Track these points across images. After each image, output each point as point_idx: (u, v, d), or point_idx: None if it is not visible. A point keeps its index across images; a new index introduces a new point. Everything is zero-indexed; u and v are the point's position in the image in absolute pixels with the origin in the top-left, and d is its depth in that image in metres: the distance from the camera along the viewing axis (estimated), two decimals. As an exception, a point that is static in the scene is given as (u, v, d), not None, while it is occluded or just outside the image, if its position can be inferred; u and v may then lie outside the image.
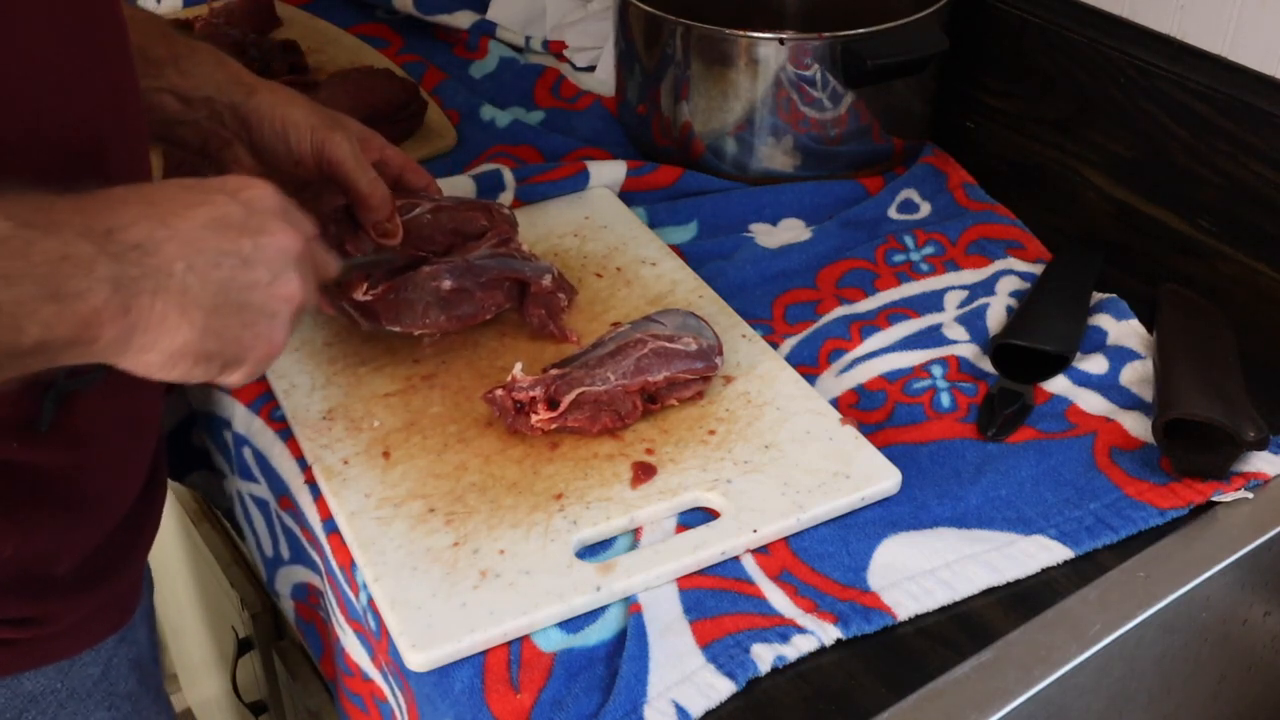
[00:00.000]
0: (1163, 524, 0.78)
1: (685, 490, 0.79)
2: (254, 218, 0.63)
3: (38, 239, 0.53)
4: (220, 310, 0.60)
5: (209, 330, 0.60)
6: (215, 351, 0.61)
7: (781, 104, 1.07)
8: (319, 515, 0.80)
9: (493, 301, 0.89)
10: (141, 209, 0.59)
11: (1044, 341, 0.90)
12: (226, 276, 0.61)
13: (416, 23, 1.41)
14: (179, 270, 0.58)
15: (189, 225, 0.60)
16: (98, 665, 0.78)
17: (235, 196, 0.63)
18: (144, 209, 0.59)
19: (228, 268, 0.61)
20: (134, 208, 0.58)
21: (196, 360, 0.61)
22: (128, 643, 0.81)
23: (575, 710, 0.68)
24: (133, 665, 0.82)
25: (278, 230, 0.64)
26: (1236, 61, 0.97)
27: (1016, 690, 0.69)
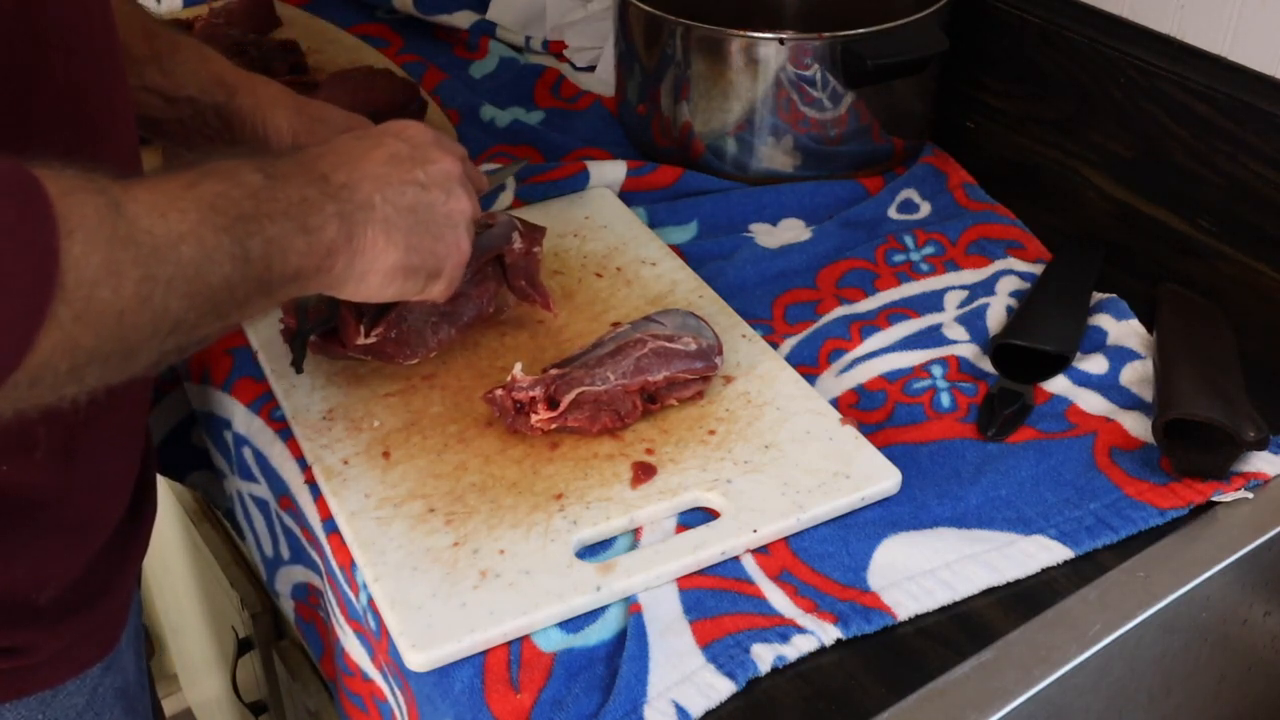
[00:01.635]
0: (1163, 524, 0.78)
1: (685, 490, 0.79)
2: (418, 150, 0.74)
3: (280, 187, 0.64)
4: (414, 229, 0.71)
5: (410, 247, 0.71)
6: (419, 265, 0.72)
7: (781, 104, 1.07)
8: (319, 515, 0.80)
9: (486, 292, 0.89)
10: (336, 158, 0.69)
11: (1044, 341, 0.90)
12: (412, 201, 0.72)
13: (416, 23, 1.41)
14: (378, 202, 0.69)
15: (374, 165, 0.71)
16: (82, 695, 0.77)
17: (399, 136, 0.74)
18: (337, 158, 0.70)
19: (411, 194, 0.72)
20: (329, 158, 0.69)
21: (406, 275, 0.72)
22: (114, 671, 0.79)
23: (575, 710, 0.68)
24: (118, 694, 0.80)
25: (439, 157, 0.75)
26: (1236, 61, 0.97)
27: (1016, 690, 0.69)
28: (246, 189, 0.61)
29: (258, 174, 0.63)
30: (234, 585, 1.17)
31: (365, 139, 0.73)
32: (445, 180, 0.75)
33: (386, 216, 0.70)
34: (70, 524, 0.71)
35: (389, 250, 0.70)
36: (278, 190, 0.63)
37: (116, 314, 0.53)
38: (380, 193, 0.70)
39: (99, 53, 0.67)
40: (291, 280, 0.64)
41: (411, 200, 0.72)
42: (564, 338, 0.91)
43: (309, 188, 0.66)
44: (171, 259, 0.56)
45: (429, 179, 0.73)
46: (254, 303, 0.62)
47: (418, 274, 0.73)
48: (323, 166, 0.68)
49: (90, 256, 0.52)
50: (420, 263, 0.72)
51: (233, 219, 0.60)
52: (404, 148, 0.73)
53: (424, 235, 0.72)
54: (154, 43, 0.85)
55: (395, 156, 0.72)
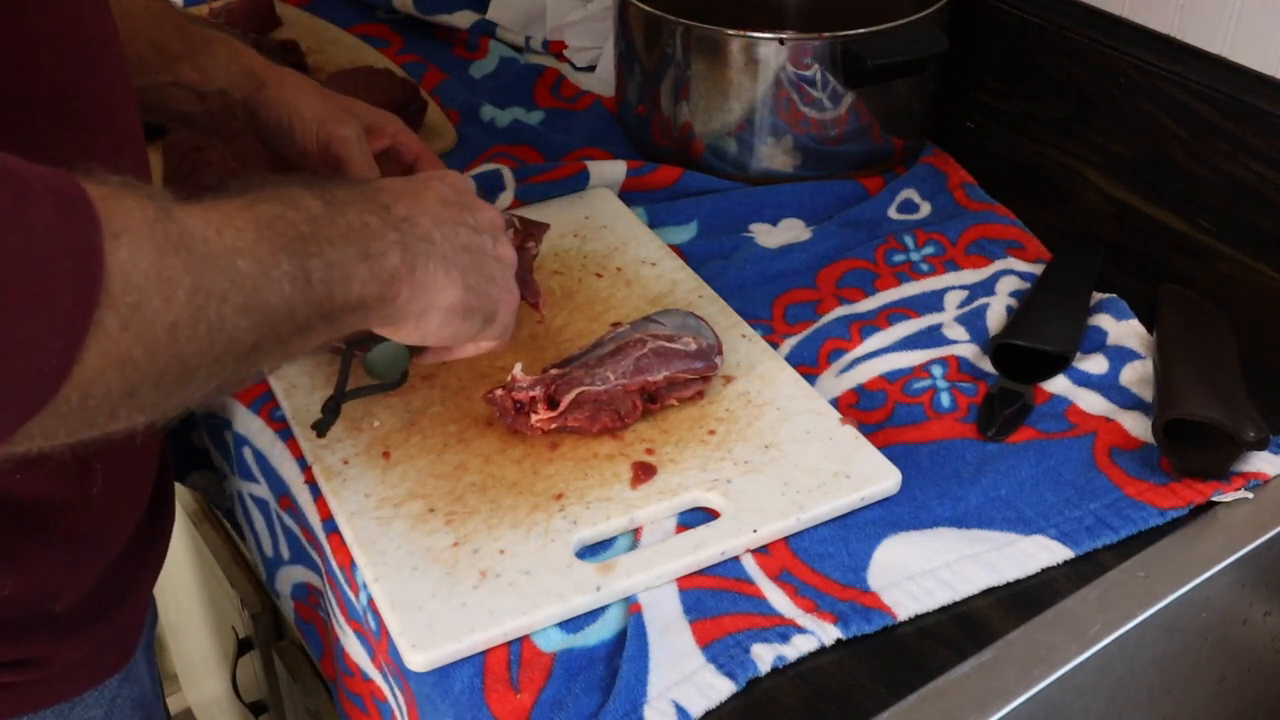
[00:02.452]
0: (1163, 524, 0.78)
1: (685, 490, 0.79)
2: (464, 196, 0.73)
3: (341, 212, 0.61)
4: (470, 270, 0.69)
5: (468, 287, 0.69)
6: (476, 306, 0.70)
7: (781, 104, 1.07)
8: (319, 515, 0.80)
9: None
10: (394, 192, 0.68)
11: (1044, 341, 0.90)
12: (467, 242, 0.70)
13: (416, 23, 1.41)
14: (437, 238, 0.67)
15: (427, 203, 0.69)
16: (100, 707, 0.76)
17: (444, 180, 0.73)
18: (395, 192, 0.68)
19: (465, 235, 0.70)
20: (388, 192, 0.68)
21: (465, 315, 0.69)
22: (131, 681, 0.79)
23: (575, 710, 0.68)
24: (136, 705, 0.80)
25: (483, 206, 0.74)
26: (1236, 61, 0.97)
27: (1016, 690, 0.69)
28: (305, 213, 0.59)
29: (316, 200, 0.61)
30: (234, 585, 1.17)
31: (413, 181, 0.72)
32: (492, 227, 0.73)
33: (445, 254, 0.68)
34: (87, 532, 0.70)
35: (449, 287, 0.68)
36: (337, 216, 0.61)
37: (169, 326, 0.50)
38: (439, 229, 0.68)
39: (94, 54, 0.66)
40: (355, 309, 0.62)
41: (466, 241, 0.70)
42: (564, 338, 0.91)
43: (370, 215, 0.64)
44: (227, 271, 0.53)
45: (478, 224, 0.72)
46: (316, 330, 0.60)
47: (475, 315, 0.70)
48: (383, 198, 0.66)
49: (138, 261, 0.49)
50: (478, 304, 0.70)
51: (291, 239, 0.58)
52: (451, 192, 0.72)
53: (479, 276, 0.70)
54: (188, 38, 0.85)
55: (445, 199, 0.71)
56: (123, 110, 0.69)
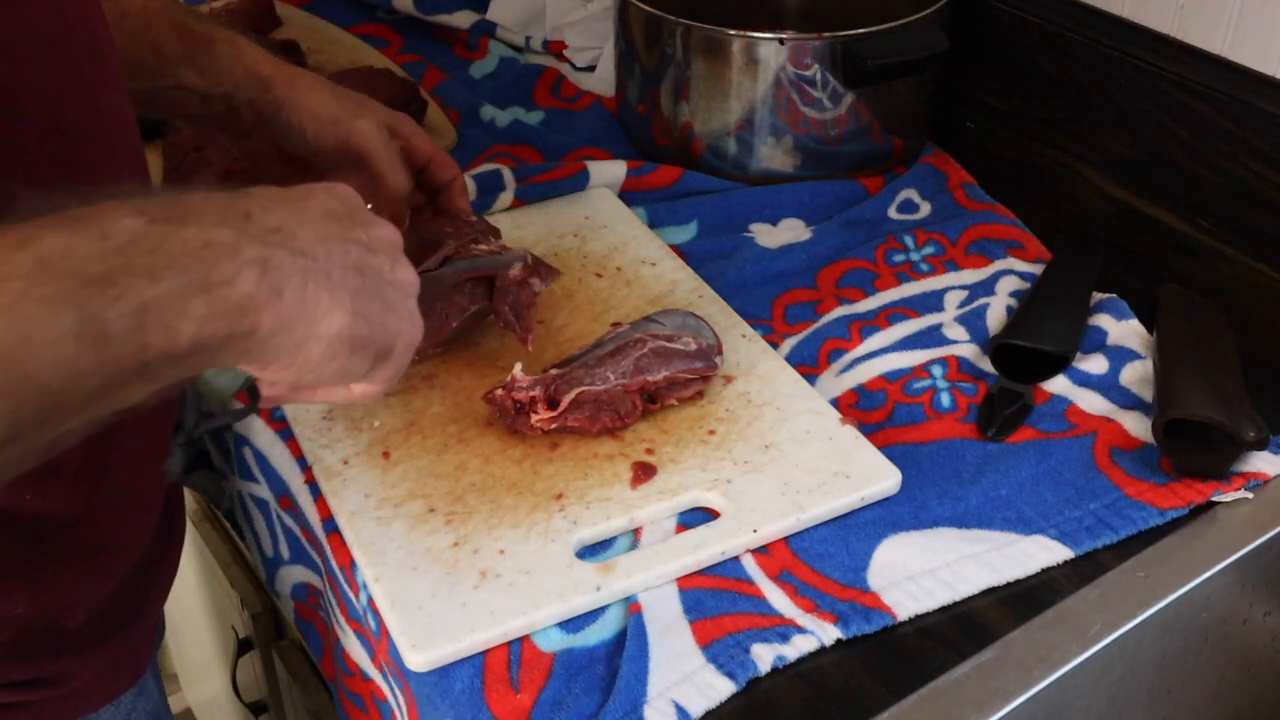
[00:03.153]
0: (1163, 524, 0.78)
1: (685, 490, 0.79)
2: (356, 212, 0.61)
3: (174, 231, 0.49)
4: (362, 293, 0.57)
5: (358, 314, 0.57)
6: (368, 337, 0.58)
7: (781, 104, 1.07)
8: (319, 515, 0.80)
9: (456, 309, 0.85)
10: (266, 199, 0.55)
11: (1044, 341, 0.90)
12: (359, 261, 0.58)
13: (416, 23, 1.41)
14: (320, 253, 0.55)
15: (310, 213, 0.57)
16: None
17: (329, 192, 0.60)
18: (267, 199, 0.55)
19: (355, 253, 0.58)
20: (259, 198, 0.55)
21: (354, 347, 0.57)
22: (144, 695, 0.78)
23: (575, 710, 0.68)
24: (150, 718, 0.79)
25: (377, 222, 0.62)
26: (1236, 61, 0.98)
27: (1016, 690, 0.69)
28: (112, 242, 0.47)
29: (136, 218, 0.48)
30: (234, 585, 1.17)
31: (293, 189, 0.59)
32: (389, 247, 0.61)
33: (330, 271, 0.55)
34: (99, 548, 0.69)
35: (334, 312, 0.55)
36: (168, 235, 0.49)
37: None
38: (321, 242, 0.56)
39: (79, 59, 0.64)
40: (187, 355, 0.49)
41: (358, 260, 0.58)
42: (564, 338, 0.91)
43: (220, 229, 0.51)
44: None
45: (372, 242, 0.60)
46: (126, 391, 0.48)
47: (366, 349, 0.58)
48: (245, 205, 0.54)
49: None
50: (370, 335, 0.58)
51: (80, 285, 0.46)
52: (338, 205, 0.60)
53: (373, 302, 0.58)
54: (188, 40, 0.82)
55: (330, 212, 0.59)
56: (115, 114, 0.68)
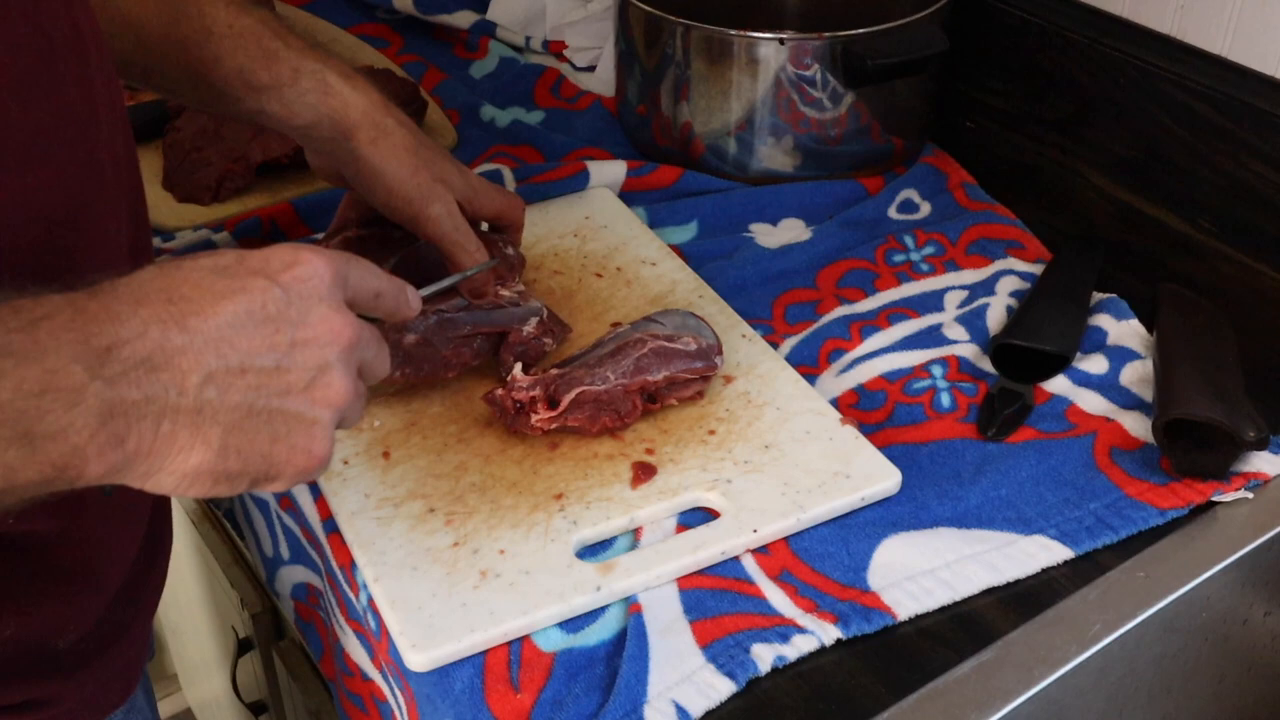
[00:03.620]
0: (1163, 524, 0.78)
1: (685, 490, 0.79)
2: (294, 306, 0.55)
3: (11, 369, 0.46)
4: (243, 425, 0.53)
5: (228, 449, 0.53)
6: (239, 470, 0.54)
7: (781, 104, 1.07)
8: (319, 515, 0.80)
9: (458, 360, 0.84)
10: (157, 309, 0.51)
11: (1044, 341, 0.90)
12: (253, 384, 0.53)
13: (416, 23, 1.41)
14: (193, 385, 0.51)
15: (213, 324, 0.52)
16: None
17: (276, 279, 0.55)
18: (160, 309, 0.51)
19: (255, 374, 0.53)
20: (147, 309, 0.51)
21: (216, 480, 0.54)
22: (134, 711, 0.78)
23: (575, 710, 0.68)
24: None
25: (320, 320, 0.56)
26: (1236, 61, 0.97)
27: (1016, 690, 0.69)
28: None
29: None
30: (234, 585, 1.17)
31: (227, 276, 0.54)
32: (316, 357, 0.55)
33: (201, 405, 0.52)
34: (85, 568, 0.68)
35: (194, 449, 0.52)
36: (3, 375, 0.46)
37: None
38: (204, 370, 0.52)
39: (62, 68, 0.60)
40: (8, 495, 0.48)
41: (252, 383, 0.53)
42: (569, 335, 0.91)
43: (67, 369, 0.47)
44: None
45: (291, 353, 0.55)
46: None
47: (237, 479, 0.54)
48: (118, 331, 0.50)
49: None
50: (241, 468, 0.54)
51: None
52: (275, 299, 0.54)
53: (256, 433, 0.54)
54: (275, 69, 0.80)
55: (254, 313, 0.54)
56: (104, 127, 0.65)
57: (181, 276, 0.53)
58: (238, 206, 1.09)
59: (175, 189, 1.10)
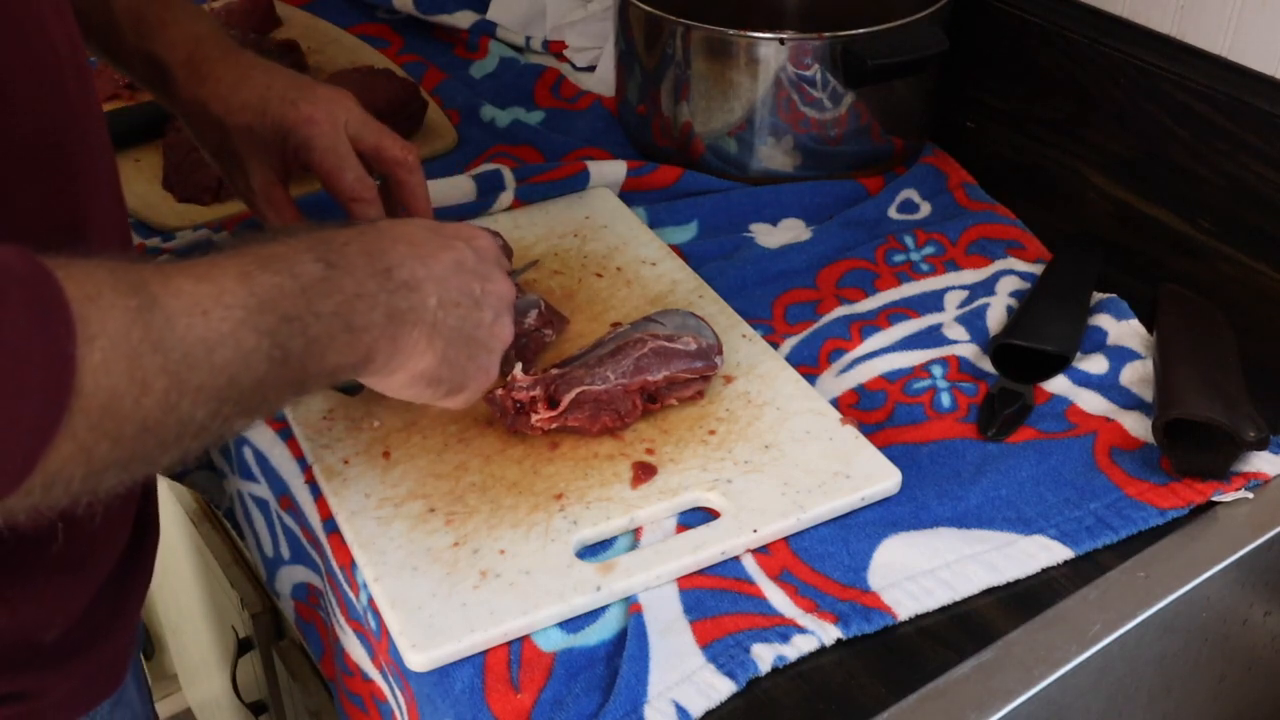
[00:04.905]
0: (1163, 524, 0.78)
1: (685, 490, 0.79)
2: (483, 264, 0.72)
3: (340, 278, 0.61)
4: (455, 341, 0.69)
5: (445, 358, 0.68)
6: (446, 377, 0.69)
7: (781, 104, 1.07)
8: (319, 515, 0.80)
9: None
10: (407, 249, 0.67)
11: (1044, 341, 0.90)
12: (464, 313, 0.69)
13: (416, 23, 1.41)
14: (432, 305, 0.67)
15: (441, 267, 0.68)
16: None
17: (470, 243, 0.72)
18: (409, 249, 0.67)
19: (465, 306, 0.69)
20: (402, 246, 0.66)
21: (430, 383, 0.69)
22: (123, 705, 0.78)
23: (575, 710, 0.68)
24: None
25: (499, 278, 0.73)
26: (1236, 61, 0.97)
27: (1016, 690, 0.69)
28: (302, 282, 0.59)
29: (318, 264, 0.60)
30: (234, 585, 1.17)
31: (440, 235, 0.71)
32: (497, 303, 0.72)
33: (436, 321, 0.67)
34: (72, 560, 0.69)
35: (426, 354, 0.67)
36: (335, 283, 0.61)
37: (138, 424, 0.50)
38: (438, 295, 0.67)
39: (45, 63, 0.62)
40: (326, 375, 0.62)
41: (463, 312, 0.69)
42: (564, 338, 0.91)
43: (368, 281, 0.63)
44: (204, 365, 0.53)
45: (484, 296, 0.71)
46: (284, 398, 0.61)
47: (441, 385, 0.70)
48: (390, 259, 0.65)
49: (112, 365, 0.49)
50: (449, 376, 0.69)
51: (279, 319, 0.57)
52: (471, 257, 0.71)
53: (462, 350, 0.70)
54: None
55: (461, 265, 0.70)
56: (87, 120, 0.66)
57: (411, 230, 0.69)
58: (238, 206, 1.09)
59: (175, 189, 1.10)
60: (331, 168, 0.84)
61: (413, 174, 0.87)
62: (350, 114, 0.86)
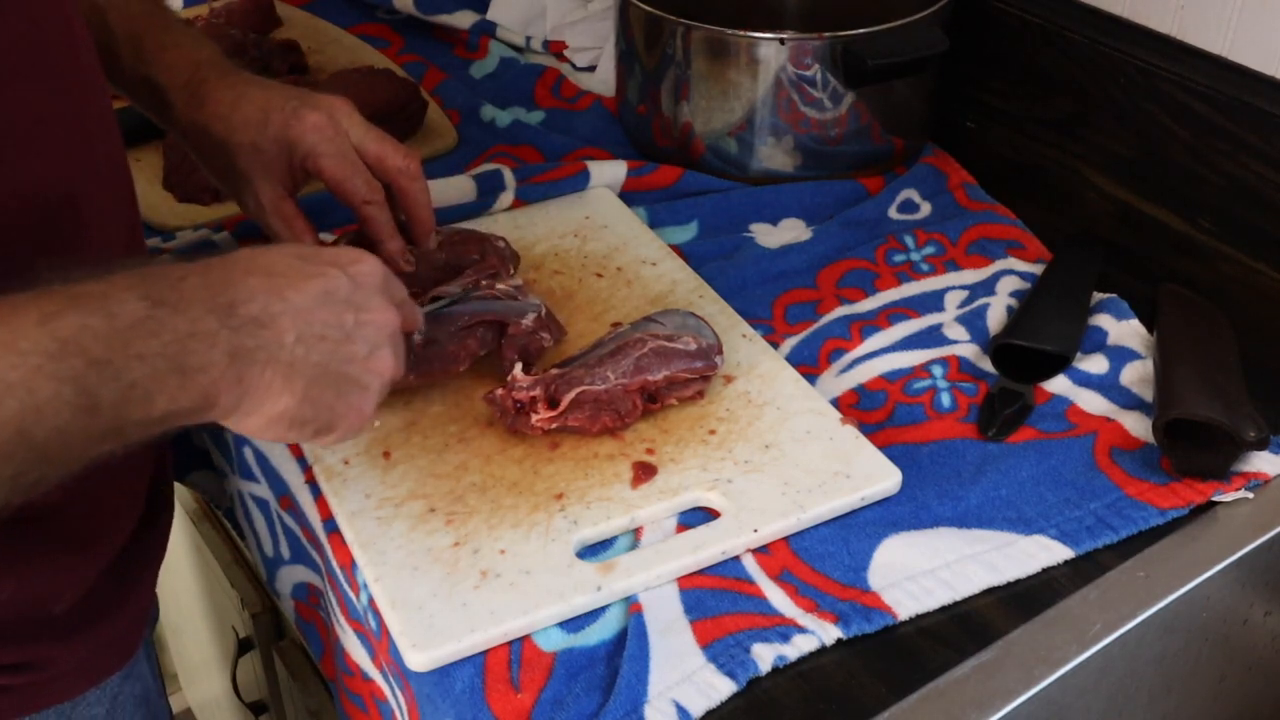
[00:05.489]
0: (1163, 524, 0.78)
1: (685, 490, 0.79)
2: (359, 293, 0.66)
3: (169, 317, 0.56)
4: (319, 380, 0.63)
5: (307, 398, 0.63)
6: (310, 418, 0.64)
7: (782, 104, 1.07)
8: (319, 515, 0.80)
9: (466, 352, 0.84)
10: (261, 280, 0.62)
11: (1044, 341, 0.90)
12: (330, 349, 0.64)
13: (417, 23, 1.41)
14: (289, 341, 0.62)
15: (302, 298, 0.63)
16: (102, 705, 0.76)
17: (345, 270, 0.66)
18: (264, 280, 0.62)
19: (331, 340, 0.64)
20: (255, 279, 0.61)
21: (292, 424, 0.64)
22: (133, 679, 0.78)
23: (576, 710, 0.68)
24: (139, 702, 0.79)
25: (378, 307, 0.67)
26: (1236, 61, 0.97)
27: (1017, 690, 0.69)
28: (119, 322, 0.54)
29: (142, 302, 0.56)
30: (234, 585, 1.17)
31: (308, 262, 0.65)
32: (375, 335, 0.66)
33: (294, 359, 0.62)
34: (83, 533, 0.70)
35: (283, 395, 0.62)
36: (161, 322, 0.56)
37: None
38: (297, 331, 0.62)
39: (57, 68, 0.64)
40: (157, 422, 0.57)
41: (329, 348, 0.64)
42: (564, 338, 0.91)
43: (206, 319, 0.58)
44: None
45: (357, 329, 0.65)
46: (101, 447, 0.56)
47: (305, 426, 0.64)
48: (236, 293, 0.60)
49: None
50: (312, 416, 0.64)
51: (86, 364, 0.53)
52: (345, 285, 0.65)
53: (327, 389, 0.64)
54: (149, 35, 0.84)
55: (331, 294, 0.64)
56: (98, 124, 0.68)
57: (276, 258, 0.64)
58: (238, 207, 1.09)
59: (175, 189, 1.10)
60: (341, 174, 0.83)
61: (415, 181, 0.87)
62: (351, 121, 0.85)
